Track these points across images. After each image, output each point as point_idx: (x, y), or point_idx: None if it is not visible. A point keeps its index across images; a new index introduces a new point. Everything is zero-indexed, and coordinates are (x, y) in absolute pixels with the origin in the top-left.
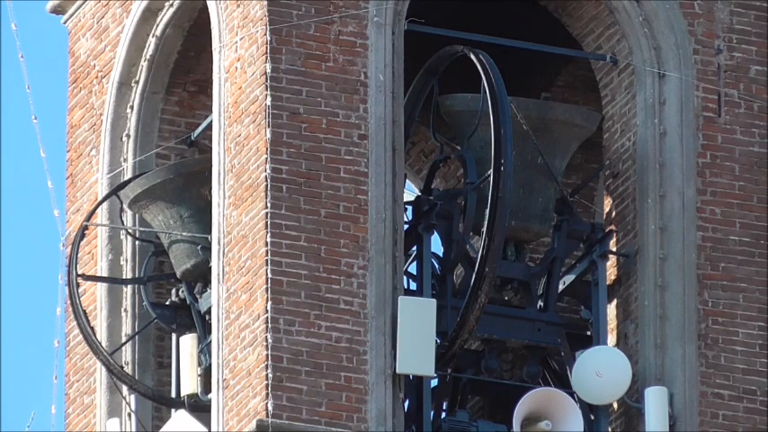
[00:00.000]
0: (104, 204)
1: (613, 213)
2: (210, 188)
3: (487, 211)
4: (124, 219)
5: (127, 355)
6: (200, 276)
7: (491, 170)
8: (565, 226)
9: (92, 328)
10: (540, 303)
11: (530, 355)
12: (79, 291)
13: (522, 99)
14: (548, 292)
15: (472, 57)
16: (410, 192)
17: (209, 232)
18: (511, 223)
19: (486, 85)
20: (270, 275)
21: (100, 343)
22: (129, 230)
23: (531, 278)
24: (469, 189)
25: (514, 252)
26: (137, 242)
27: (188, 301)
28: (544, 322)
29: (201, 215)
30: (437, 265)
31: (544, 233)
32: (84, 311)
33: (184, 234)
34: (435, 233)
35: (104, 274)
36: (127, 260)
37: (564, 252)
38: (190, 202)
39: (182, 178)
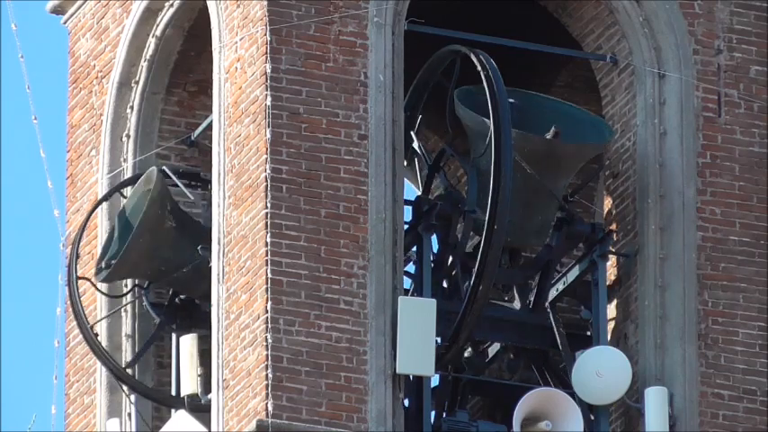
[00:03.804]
0: (104, 204)
1: (613, 213)
2: (172, 210)
3: (482, 241)
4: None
5: (127, 355)
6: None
7: (491, 183)
8: (564, 228)
9: (92, 328)
10: (529, 305)
11: (520, 358)
12: (79, 291)
13: (531, 136)
14: (539, 295)
15: (472, 57)
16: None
17: (200, 240)
18: (507, 239)
19: (486, 85)
20: (270, 275)
21: (100, 343)
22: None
23: (524, 281)
24: (467, 213)
25: (508, 261)
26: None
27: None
28: (531, 324)
29: (183, 235)
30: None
31: (540, 245)
32: (84, 311)
33: (185, 270)
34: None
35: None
36: None
37: (559, 255)
38: (164, 239)
39: (145, 231)
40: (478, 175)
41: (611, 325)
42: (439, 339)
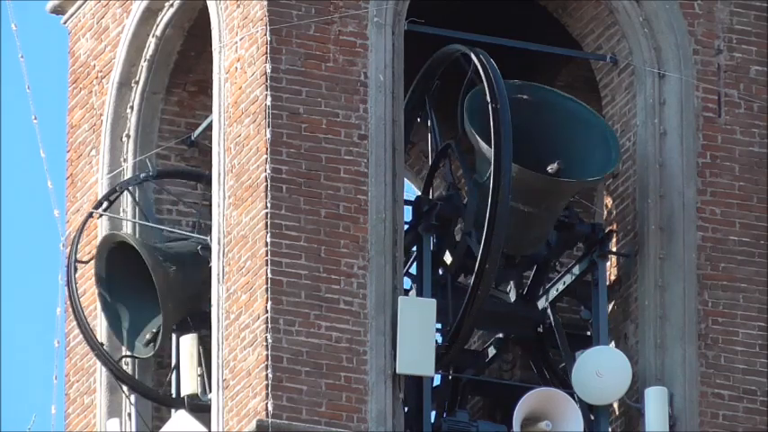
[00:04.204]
0: (104, 204)
1: (613, 213)
2: (165, 257)
3: (480, 250)
4: (124, 219)
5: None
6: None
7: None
8: (564, 228)
9: (91, 329)
10: (523, 292)
11: (508, 343)
12: (79, 291)
13: (530, 173)
14: (533, 287)
15: (472, 56)
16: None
17: (196, 253)
18: (504, 251)
19: (486, 84)
20: (270, 275)
21: (100, 343)
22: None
23: (520, 279)
24: (464, 232)
25: (503, 261)
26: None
27: None
28: (522, 315)
29: (184, 268)
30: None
31: (536, 250)
32: (83, 311)
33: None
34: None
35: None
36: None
37: (557, 253)
38: (176, 285)
39: (167, 299)
40: (479, 193)
41: (611, 325)
42: (439, 339)
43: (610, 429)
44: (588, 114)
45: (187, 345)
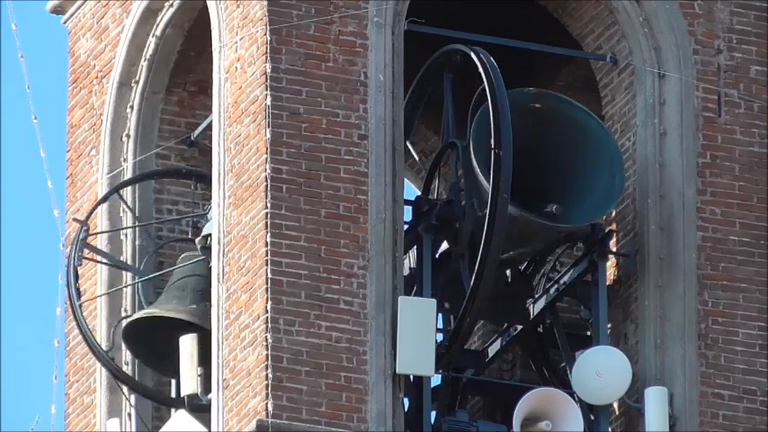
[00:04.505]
0: (104, 204)
1: (613, 213)
2: (191, 290)
3: (480, 254)
4: (124, 219)
5: (127, 355)
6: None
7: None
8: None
9: (91, 329)
10: (521, 273)
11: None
12: (79, 291)
13: (527, 217)
14: (528, 275)
15: (472, 55)
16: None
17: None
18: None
19: (486, 83)
20: (270, 275)
21: (99, 344)
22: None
23: (516, 270)
24: (456, 252)
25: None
26: (136, 242)
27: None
28: (512, 301)
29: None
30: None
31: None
32: (83, 312)
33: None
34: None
35: (104, 274)
36: (127, 260)
37: (554, 246)
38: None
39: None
40: (476, 220)
41: (611, 325)
42: (439, 338)
43: (610, 429)
44: (600, 131)
45: (187, 345)
